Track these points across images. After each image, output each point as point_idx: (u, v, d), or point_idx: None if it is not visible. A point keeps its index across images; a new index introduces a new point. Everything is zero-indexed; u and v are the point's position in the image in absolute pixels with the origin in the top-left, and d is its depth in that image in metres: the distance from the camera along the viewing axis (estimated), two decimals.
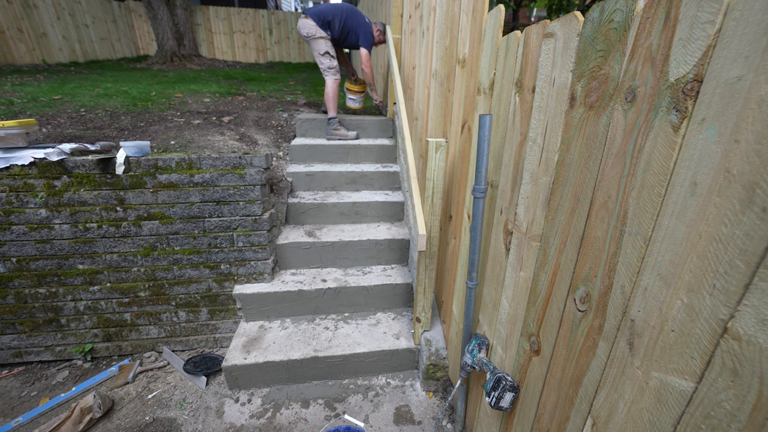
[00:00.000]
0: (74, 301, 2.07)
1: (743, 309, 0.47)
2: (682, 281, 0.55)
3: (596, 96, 0.73)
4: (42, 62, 5.74)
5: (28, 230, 1.92)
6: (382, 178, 2.77)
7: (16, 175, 1.84)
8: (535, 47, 0.92)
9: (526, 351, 1.04)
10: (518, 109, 1.03)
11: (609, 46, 0.69)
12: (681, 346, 0.56)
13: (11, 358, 2.10)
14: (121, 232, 1.99)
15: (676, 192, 0.56)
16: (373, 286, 2.17)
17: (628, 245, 0.66)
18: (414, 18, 2.28)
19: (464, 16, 1.37)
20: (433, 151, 1.47)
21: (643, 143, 0.62)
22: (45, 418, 1.76)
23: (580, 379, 0.81)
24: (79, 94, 3.55)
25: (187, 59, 6.93)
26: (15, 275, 1.98)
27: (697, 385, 0.54)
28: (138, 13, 7.86)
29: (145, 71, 5.70)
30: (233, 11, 8.40)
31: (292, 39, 8.87)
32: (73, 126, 2.61)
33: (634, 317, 0.65)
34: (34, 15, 5.67)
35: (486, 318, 1.31)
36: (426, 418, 1.75)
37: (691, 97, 0.53)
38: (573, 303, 0.83)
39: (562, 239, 0.86)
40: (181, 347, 2.25)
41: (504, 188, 1.14)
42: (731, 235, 0.48)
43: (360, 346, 1.94)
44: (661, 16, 0.58)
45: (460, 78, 1.47)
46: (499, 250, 1.18)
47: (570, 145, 0.81)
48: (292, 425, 1.71)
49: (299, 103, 3.88)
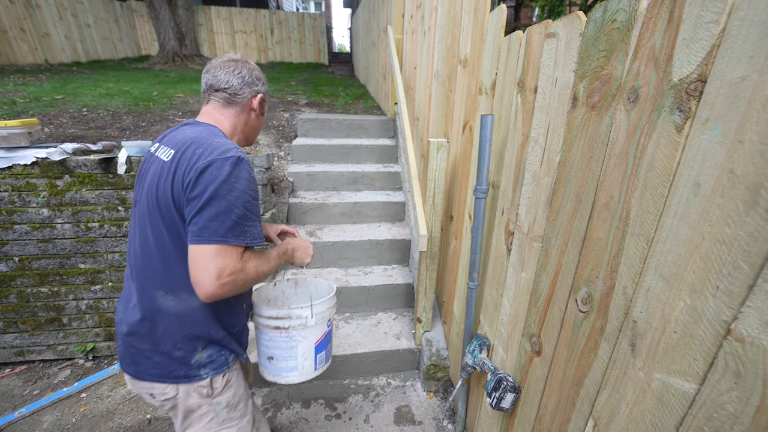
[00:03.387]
0: (76, 301, 2.08)
1: (746, 310, 0.47)
2: (684, 282, 0.55)
3: (599, 96, 0.72)
4: (44, 62, 5.76)
5: (31, 229, 1.92)
6: (383, 178, 2.77)
7: (18, 175, 1.84)
8: (537, 47, 0.92)
9: (528, 352, 1.04)
10: (520, 109, 1.02)
11: (612, 46, 0.68)
12: (683, 347, 0.56)
13: (13, 356, 2.11)
14: (122, 231, 2.00)
15: (679, 193, 0.56)
16: (374, 287, 2.17)
17: (630, 246, 0.65)
18: (415, 18, 2.28)
19: (466, 16, 1.37)
20: (434, 152, 1.47)
21: (646, 144, 0.62)
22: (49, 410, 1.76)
23: (581, 380, 0.81)
24: (81, 93, 3.56)
25: (189, 59, 6.94)
26: (17, 274, 1.98)
27: (700, 386, 0.53)
28: (140, 13, 7.88)
29: (147, 71, 5.72)
30: (235, 11, 8.41)
31: (294, 39, 8.88)
32: (75, 126, 2.62)
33: (637, 318, 0.64)
34: (36, 15, 5.68)
35: (487, 318, 1.31)
36: (427, 418, 1.75)
37: (694, 98, 0.53)
38: (575, 304, 0.82)
39: (563, 240, 0.86)
40: None
41: (505, 189, 1.13)
42: (735, 236, 0.48)
43: (361, 346, 1.94)
44: (664, 15, 0.57)
45: (461, 78, 1.47)
46: (501, 251, 1.18)
47: (572, 145, 0.81)
48: (292, 425, 1.71)
49: (301, 103, 3.88)
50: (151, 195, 0.85)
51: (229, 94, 0.96)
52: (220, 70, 0.96)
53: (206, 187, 0.78)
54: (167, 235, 0.84)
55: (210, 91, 0.97)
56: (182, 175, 0.80)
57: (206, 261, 0.77)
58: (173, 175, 0.81)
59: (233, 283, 0.80)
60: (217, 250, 0.78)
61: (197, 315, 0.89)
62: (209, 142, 0.84)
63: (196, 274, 0.78)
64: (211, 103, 0.97)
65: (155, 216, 0.84)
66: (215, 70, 0.96)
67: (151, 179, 0.86)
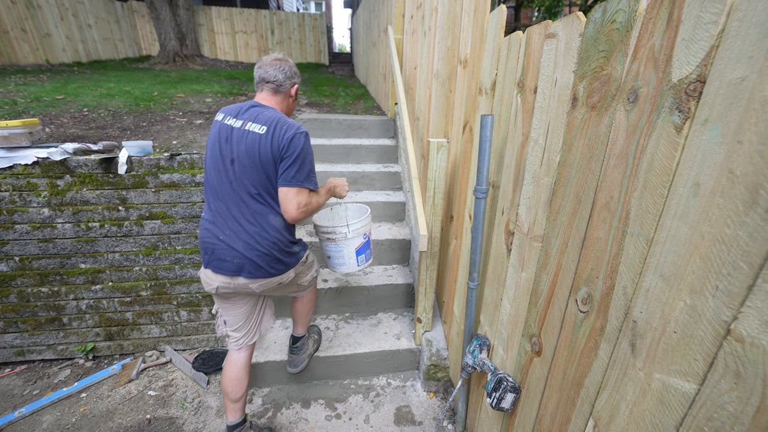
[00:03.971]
0: (76, 300, 2.08)
1: (746, 311, 0.47)
2: (684, 282, 0.55)
3: (598, 96, 0.73)
4: (45, 62, 5.77)
5: (31, 229, 1.93)
6: (383, 178, 2.77)
7: (19, 175, 1.85)
8: (537, 48, 0.92)
9: (528, 352, 1.04)
10: (520, 109, 1.02)
11: (611, 47, 0.68)
12: (683, 347, 0.56)
13: (14, 356, 2.11)
14: (123, 231, 2.00)
15: (678, 193, 0.56)
16: (374, 287, 2.17)
17: (630, 246, 0.66)
18: (416, 18, 2.28)
19: (466, 16, 1.37)
20: (434, 152, 1.47)
21: (645, 144, 0.62)
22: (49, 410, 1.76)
23: (581, 380, 0.81)
24: (82, 94, 3.57)
25: (190, 59, 6.95)
26: (18, 274, 1.99)
27: (700, 387, 0.53)
28: (141, 14, 7.89)
29: (148, 71, 5.72)
30: (235, 11, 8.42)
31: (294, 39, 8.89)
32: (76, 126, 2.63)
33: (637, 318, 0.64)
34: (38, 15, 5.69)
35: (487, 318, 1.31)
36: (427, 418, 1.75)
37: (694, 98, 0.53)
38: (575, 304, 0.82)
39: (563, 240, 0.86)
40: (182, 346, 2.25)
41: (506, 189, 1.13)
42: (734, 236, 0.48)
43: (361, 346, 1.94)
44: (663, 16, 0.57)
45: (461, 78, 1.47)
46: (501, 251, 1.18)
47: (572, 145, 0.81)
48: (292, 425, 1.71)
49: (301, 103, 3.88)
50: (253, 155, 1.23)
51: (276, 86, 1.35)
52: (269, 67, 1.34)
53: (293, 152, 1.23)
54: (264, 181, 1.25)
55: (262, 83, 1.36)
56: (277, 143, 1.23)
57: (292, 197, 1.25)
58: (270, 142, 1.22)
59: (305, 212, 1.29)
60: (297, 190, 1.26)
61: (287, 229, 1.34)
62: (287, 121, 1.27)
63: (285, 205, 1.26)
64: (264, 91, 1.36)
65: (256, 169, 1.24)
66: (266, 66, 1.34)
67: (251, 145, 1.23)
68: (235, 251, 1.27)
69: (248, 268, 1.28)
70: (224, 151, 1.26)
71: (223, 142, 1.27)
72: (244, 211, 1.27)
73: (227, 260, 1.28)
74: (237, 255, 1.27)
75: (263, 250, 1.28)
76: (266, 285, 1.35)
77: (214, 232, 1.29)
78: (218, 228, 1.29)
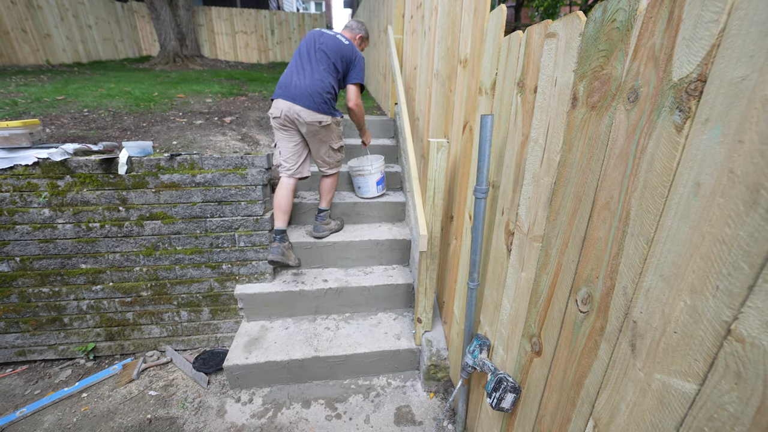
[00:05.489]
0: (77, 301, 2.08)
1: (747, 311, 0.47)
2: (685, 282, 0.55)
3: (599, 96, 0.72)
4: (46, 63, 5.77)
5: (32, 230, 1.93)
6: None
7: (20, 175, 1.85)
8: (537, 47, 0.92)
9: (528, 352, 1.04)
10: (520, 109, 1.02)
11: (611, 46, 0.68)
12: (684, 347, 0.56)
13: (15, 356, 2.11)
14: (123, 231, 2.00)
15: (679, 193, 0.56)
16: (375, 287, 2.17)
17: (630, 246, 0.65)
18: (416, 18, 2.28)
19: (466, 16, 1.37)
20: (434, 152, 1.47)
21: (645, 144, 0.61)
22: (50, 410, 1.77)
23: (581, 380, 0.80)
24: (83, 94, 3.57)
25: (190, 60, 6.95)
26: (19, 274, 1.99)
27: (700, 387, 0.53)
28: (141, 14, 7.90)
29: (148, 72, 5.73)
30: (235, 12, 8.43)
31: (294, 39, 8.89)
32: (77, 126, 2.63)
33: (637, 318, 0.64)
34: (38, 16, 5.70)
35: (487, 319, 1.31)
36: (427, 418, 1.75)
37: (694, 97, 0.53)
38: (575, 304, 0.82)
39: (564, 240, 0.85)
40: (183, 346, 2.26)
41: (505, 189, 1.13)
42: (735, 236, 0.48)
43: (361, 347, 1.94)
44: (664, 15, 0.57)
45: (461, 78, 1.47)
46: (501, 251, 1.18)
47: (572, 145, 0.81)
48: (293, 425, 1.71)
49: None
50: (336, 54, 2.04)
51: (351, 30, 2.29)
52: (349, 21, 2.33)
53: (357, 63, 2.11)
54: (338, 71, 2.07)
55: (344, 28, 2.30)
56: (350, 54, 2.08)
57: (355, 89, 2.13)
58: (349, 51, 2.08)
59: (358, 104, 2.18)
60: (357, 86, 2.14)
61: (334, 96, 2.08)
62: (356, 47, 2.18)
63: (349, 95, 2.13)
64: (345, 30, 2.30)
65: (333, 63, 2.04)
66: (348, 22, 2.34)
67: (336, 48, 2.05)
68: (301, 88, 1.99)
69: (305, 101, 1.97)
70: (317, 42, 2.03)
71: (317, 36, 2.06)
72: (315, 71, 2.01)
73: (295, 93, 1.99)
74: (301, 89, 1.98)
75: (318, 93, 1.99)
76: (312, 117, 1.98)
77: (291, 76, 2.01)
78: (294, 73, 2.01)
